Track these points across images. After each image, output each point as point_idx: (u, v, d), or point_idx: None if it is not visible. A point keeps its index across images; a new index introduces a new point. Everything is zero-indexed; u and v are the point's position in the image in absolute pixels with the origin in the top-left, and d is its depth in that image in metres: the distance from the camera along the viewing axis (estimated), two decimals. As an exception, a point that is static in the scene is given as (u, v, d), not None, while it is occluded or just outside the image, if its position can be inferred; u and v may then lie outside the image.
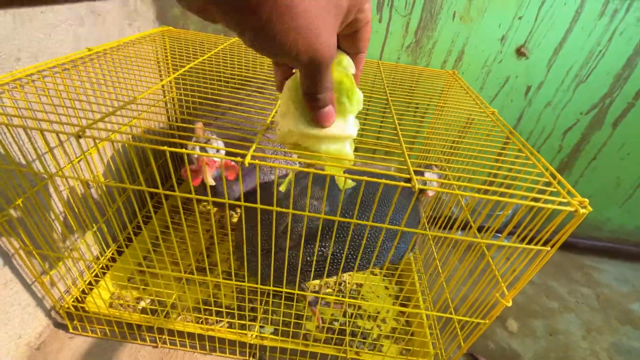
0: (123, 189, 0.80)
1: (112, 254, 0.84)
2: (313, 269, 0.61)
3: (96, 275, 0.80)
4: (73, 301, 0.73)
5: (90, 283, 0.77)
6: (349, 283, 0.91)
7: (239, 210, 1.00)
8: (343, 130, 0.32)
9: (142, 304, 0.78)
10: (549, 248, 0.49)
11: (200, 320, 0.75)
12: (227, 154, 0.62)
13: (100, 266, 0.80)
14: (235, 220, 1.02)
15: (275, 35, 0.20)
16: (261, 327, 0.77)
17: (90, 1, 0.61)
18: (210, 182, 0.57)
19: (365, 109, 0.37)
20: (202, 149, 0.60)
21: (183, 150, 0.43)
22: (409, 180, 0.42)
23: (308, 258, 0.64)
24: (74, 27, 0.69)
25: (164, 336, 0.74)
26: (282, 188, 0.44)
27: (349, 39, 0.27)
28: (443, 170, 0.70)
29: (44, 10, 0.62)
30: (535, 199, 0.45)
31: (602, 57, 0.93)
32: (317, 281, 0.90)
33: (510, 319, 0.97)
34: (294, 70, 0.31)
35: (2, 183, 0.55)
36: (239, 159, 0.41)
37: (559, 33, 0.90)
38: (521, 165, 0.53)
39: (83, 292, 0.76)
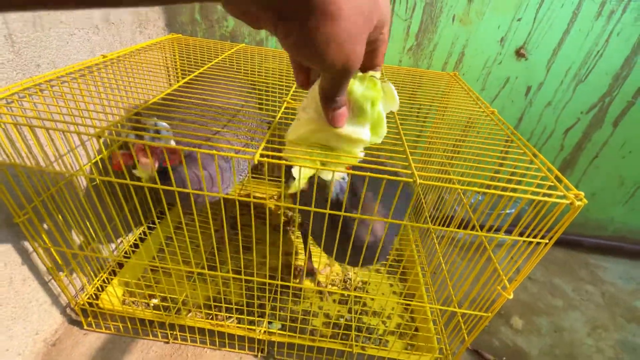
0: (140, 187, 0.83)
1: (126, 251, 0.86)
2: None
3: (110, 273, 0.82)
4: (88, 298, 0.76)
5: (104, 280, 0.80)
6: (354, 280, 0.93)
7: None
8: (359, 134, 0.35)
9: (154, 300, 0.80)
10: (547, 241, 0.50)
11: (210, 317, 0.77)
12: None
13: (114, 262, 0.83)
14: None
15: (318, 45, 0.22)
16: (269, 322, 0.78)
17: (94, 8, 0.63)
18: (146, 170, 0.54)
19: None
20: (139, 137, 0.53)
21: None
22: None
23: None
24: (90, 35, 0.73)
25: (175, 332, 0.76)
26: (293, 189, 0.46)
27: (368, 55, 0.30)
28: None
29: (63, 20, 0.65)
30: (535, 194, 0.47)
31: (600, 57, 0.94)
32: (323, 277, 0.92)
33: (515, 317, 0.98)
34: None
35: (24, 182, 0.58)
36: (248, 156, 0.43)
37: (557, 34, 0.92)
38: (521, 162, 0.55)
39: (97, 289, 0.78)
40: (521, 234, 0.53)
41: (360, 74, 0.32)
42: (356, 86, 0.32)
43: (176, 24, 1.01)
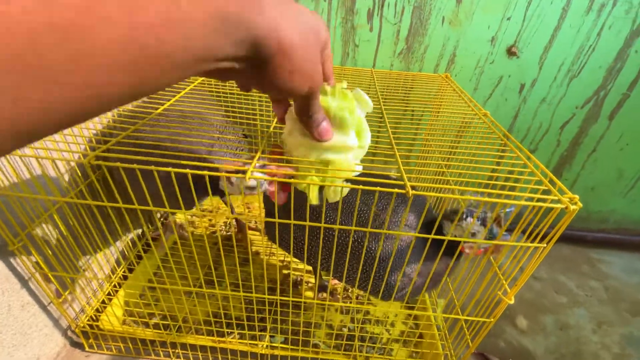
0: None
1: (124, 271, 0.86)
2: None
3: (109, 294, 0.82)
4: (88, 320, 0.75)
5: (103, 301, 0.79)
6: (355, 288, 0.92)
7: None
8: (347, 141, 0.37)
9: (155, 319, 0.80)
10: (545, 244, 0.50)
11: (212, 333, 0.76)
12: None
13: (112, 284, 0.83)
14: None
15: (283, 79, 0.26)
16: (271, 336, 0.78)
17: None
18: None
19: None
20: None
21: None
22: (403, 187, 0.44)
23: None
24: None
25: (177, 350, 0.76)
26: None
27: None
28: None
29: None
30: (529, 199, 0.47)
31: (592, 51, 0.94)
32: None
33: (520, 317, 0.97)
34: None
35: (17, 209, 0.58)
36: (240, 175, 0.43)
37: (548, 31, 0.92)
38: (514, 166, 0.55)
39: (97, 310, 0.78)
40: (523, 232, 0.53)
41: (329, 88, 0.35)
42: (330, 101, 0.35)
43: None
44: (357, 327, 0.82)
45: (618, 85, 0.99)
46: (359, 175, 0.43)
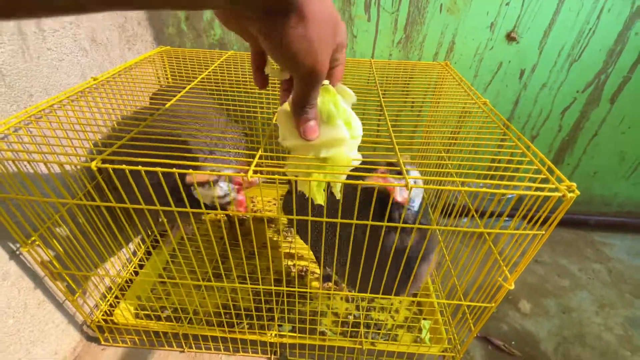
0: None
1: (134, 267, 0.88)
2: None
3: (121, 289, 0.84)
4: (102, 315, 0.78)
5: (116, 297, 0.82)
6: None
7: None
8: (338, 134, 0.37)
9: (166, 312, 0.83)
10: (544, 232, 0.51)
11: (222, 324, 0.79)
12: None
13: (124, 280, 0.85)
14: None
15: (293, 42, 0.27)
16: (279, 325, 0.80)
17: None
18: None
19: (361, 110, 0.42)
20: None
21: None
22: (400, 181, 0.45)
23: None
24: (79, 58, 0.74)
25: (189, 341, 0.78)
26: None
27: (327, 75, 0.33)
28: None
29: (50, 47, 0.66)
30: (527, 188, 0.47)
31: (592, 34, 0.93)
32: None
33: (523, 300, 0.99)
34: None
35: (28, 212, 0.59)
36: (241, 174, 0.44)
37: (547, 15, 0.91)
38: (513, 155, 0.55)
39: (111, 305, 0.80)
40: (523, 218, 0.54)
41: None
42: None
43: (164, 37, 1.01)
44: (362, 314, 0.85)
45: (619, 68, 0.98)
46: (359, 170, 0.44)
